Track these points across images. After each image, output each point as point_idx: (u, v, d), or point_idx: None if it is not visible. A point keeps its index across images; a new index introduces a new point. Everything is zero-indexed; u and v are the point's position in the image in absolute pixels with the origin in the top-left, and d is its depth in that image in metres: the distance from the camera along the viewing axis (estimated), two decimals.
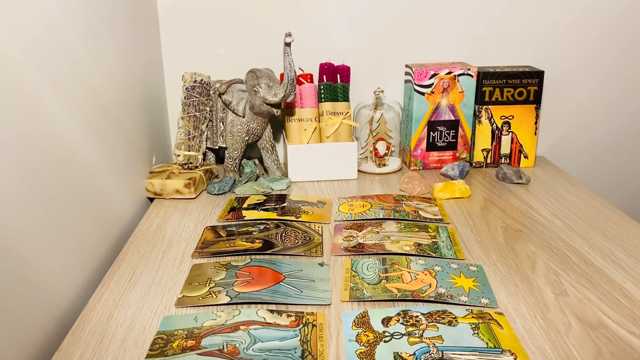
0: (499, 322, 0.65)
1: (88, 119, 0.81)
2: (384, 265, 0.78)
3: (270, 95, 1.03)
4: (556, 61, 1.27)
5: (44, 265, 0.67)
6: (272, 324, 0.65)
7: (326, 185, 1.12)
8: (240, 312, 0.67)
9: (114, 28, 0.94)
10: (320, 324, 0.65)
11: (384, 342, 0.61)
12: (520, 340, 0.62)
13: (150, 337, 0.64)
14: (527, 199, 1.03)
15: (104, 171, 0.87)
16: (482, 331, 0.63)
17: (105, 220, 0.87)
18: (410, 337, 0.62)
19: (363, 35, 1.24)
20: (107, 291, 0.74)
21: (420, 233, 0.88)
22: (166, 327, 0.65)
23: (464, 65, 1.18)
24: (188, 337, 0.63)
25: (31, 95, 0.65)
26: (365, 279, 0.75)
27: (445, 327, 0.64)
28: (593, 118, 1.33)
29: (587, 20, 1.25)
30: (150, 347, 0.61)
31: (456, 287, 0.72)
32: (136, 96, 1.03)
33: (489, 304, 0.69)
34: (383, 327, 0.64)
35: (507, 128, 1.20)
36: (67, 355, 0.61)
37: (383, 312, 0.67)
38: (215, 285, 0.73)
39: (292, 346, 0.61)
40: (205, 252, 0.83)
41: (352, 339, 0.62)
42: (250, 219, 0.94)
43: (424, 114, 1.17)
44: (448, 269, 0.77)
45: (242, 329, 0.64)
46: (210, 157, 1.19)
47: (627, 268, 0.78)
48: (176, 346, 0.61)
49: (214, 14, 1.20)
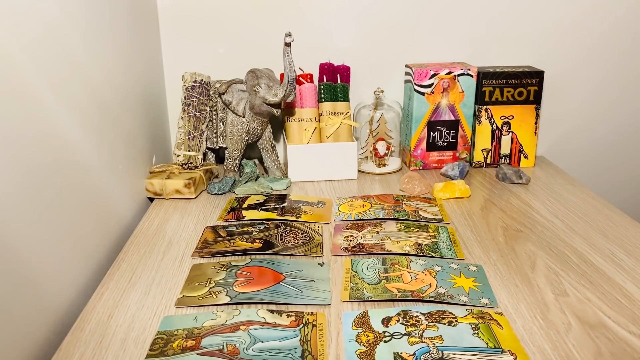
0: (499, 322, 0.65)
1: (88, 119, 0.81)
2: (384, 265, 0.78)
3: (270, 95, 1.03)
4: (556, 61, 1.27)
5: (44, 265, 0.67)
6: (272, 324, 0.65)
7: (326, 185, 1.12)
8: (240, 312, 0.67)
9: (114, 28, 0.94)
10: (320, 324, 0.65)
11: (384, 342, 0.61)
12: (520, 340, 0.62)
13: (150, 337, 0.64)
14: (527, 199, 1.03)
15: (104, 171, 0.87)
16: (482, 331, 0.63)
17: (105, 220, 0.87)
18: (410, 337, 0.62)
19: (363, 35, 1.24)
20: (107, 291, 0.74)
21: (420, 233, 0.88)
22: (166, 327, 0.65)
23: (464, 65, 1.18)
24: (188, 337, 0.63)
25: (31, 96, 0.65)
26: (365, 279, 0.75)
27: (445, 327, 0.64)
28: (593, 118, 1.33)
29: (587, 20, 1.25)
30: (150, 347, 0.61)
31: (456, 287, 0.72)
32: (136, 96, 1.03)
33: (489, 304, 0.69)
34: (383, 327, 0.64)
35: (507, 128, 1.20)
36: (67, 355, 0.61)
37: (383, 312, 0.67)
38: (215, 285, 0.73)
39: (292, 346, 0.61)
40: (205, 252, 0.83)
41: (352, 339, 0.62)
42: (250, 219, 0.94)
43: (424, 114, 1.17)
44: (448, 269, 0.77)
45: (242, 329, 0.64)
46: (210, 157, 1.19)
47: (627, 268, 0.78)
48: (176, 346, 0.61)
49: (214, 14, 1.20)
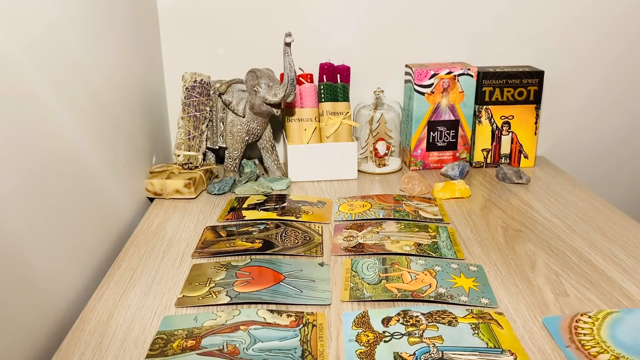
0: (499, 322, 0.65)
1: (88, 119, 0.81)
2: (384, 265, 0.78)
3: (270, 95, 1.03)
4: (556, 61, 1.27)
5: (44, 265, 0.67)
6: (272, 324, 0.65)
7: (326, 185, 1.12)
8: (240, 312, 0.67)
9: (114, 28, 0.94)
10: (320, 324, 0.65)
11: (384, 342, 0.61)
12: (520, 340, 0.62)
13: (150, 337, 0.64)
14: (527, 199, 1.03)
15: (104, 171, 0.87)
16: (482, 331, 0.63)
17: (105, 220, 0.87)
18: (410, 337, 0.62)
19: (363, 35, 1.24)
20: (107, 291, 0.74)
21: (420, 233, 0.88)
22: (166, 327, 0.65)
23: (464, 65, 1.18)
24: (188, 337, 0.63)
25: (31, 96, 0.65)
26: (366, 279, 0.75)
27: (445, 327, 0.63)
28: (593, 118, 1.33)
29: (587, 20, 1.25)
30: (150, 347, 0.61)
31: (456, 287, 0.72)
32: (136, 96, 1.03)
33: (489, 304, 0.69)
34: (383, 327, 0.64)
35: (507, 128, 1.20)
36: (67, 355, 0.61)
37: (383, 312, 0.67)
38: (215, 285, 0.73)
39: (292, 346, 0.61)
40: (206, 252, 0.83)
41: (352, 339, 0.62)
42: (250, 219, 0.94)
43: (424, 114, 1.17)
44: (448, 269, 0.77)
45: (242, 329, 0.64)
46: (210, 157, 1.19)
47: (627, 268, 0.78)
48: (176, 346, 0.61)
49: (214, 14, 1.20)
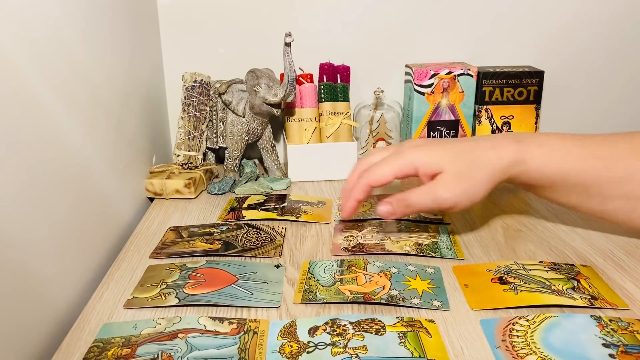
0: (428, 330, 0.63)
1: (88, 120, 0.81)
2: (341, 267, 0.77)
3: (270, 95, 1.03)
4: (556, 61, 1.27)
5: (43, 265, 0.67)
6: (212, 331, 0.63)
7: (326, 185, 1.12)
8: (181, 319, 0.66)
9: (114, 28, 0.94)
10: (262, 331, 0.63)
11: (307, 352, 0.59)
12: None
13: None
14: (527, 199, 1.03)
15: (104, 171, 0.87)
16: (409, 340, 0.61)
17: (105, 221, 0.87)
18: (334, 347, 0.60)
19: (363, 35, 1.24)
20: (107, 291, 0.74)
21: (420, 233, 0.88)
22: (104, 334, 0.63)
23: (464, 65, 1.18)
24: (124, 345, 0.61)
25: (31, 96, 0.65)
26: (320, 281, 0.74)
27: (371, 337, 0.61)
28: (593, 118, 1.33)
29: (587, 20, 1.25)
30: (84, 356, 0.60)
31: (410, 290, 0.71)
32: (136, 96, 1.03)
33: (440, 307, 0.68)
34: (309, 337, 0.62)
35: (507, 128, 1.20)
36: (67, 355, 0.61)
37: (311, 321, 0.65)
38: (166, 286, 0.72)
39: (228, 354, 0.59)
40: (164, 253, 0.82)
41: (275, 349, 0.60)
42: (251, 218, 0.94)
43: (424, 114, 1.17)
44: (405, 270, 0.76)
45: (180, 337, 0.62)
46: (210, 157, 1.19)
47: (627, 268, 0.78)
48: (111, 355, 0.59)
49: (214, 14, 1.20)
